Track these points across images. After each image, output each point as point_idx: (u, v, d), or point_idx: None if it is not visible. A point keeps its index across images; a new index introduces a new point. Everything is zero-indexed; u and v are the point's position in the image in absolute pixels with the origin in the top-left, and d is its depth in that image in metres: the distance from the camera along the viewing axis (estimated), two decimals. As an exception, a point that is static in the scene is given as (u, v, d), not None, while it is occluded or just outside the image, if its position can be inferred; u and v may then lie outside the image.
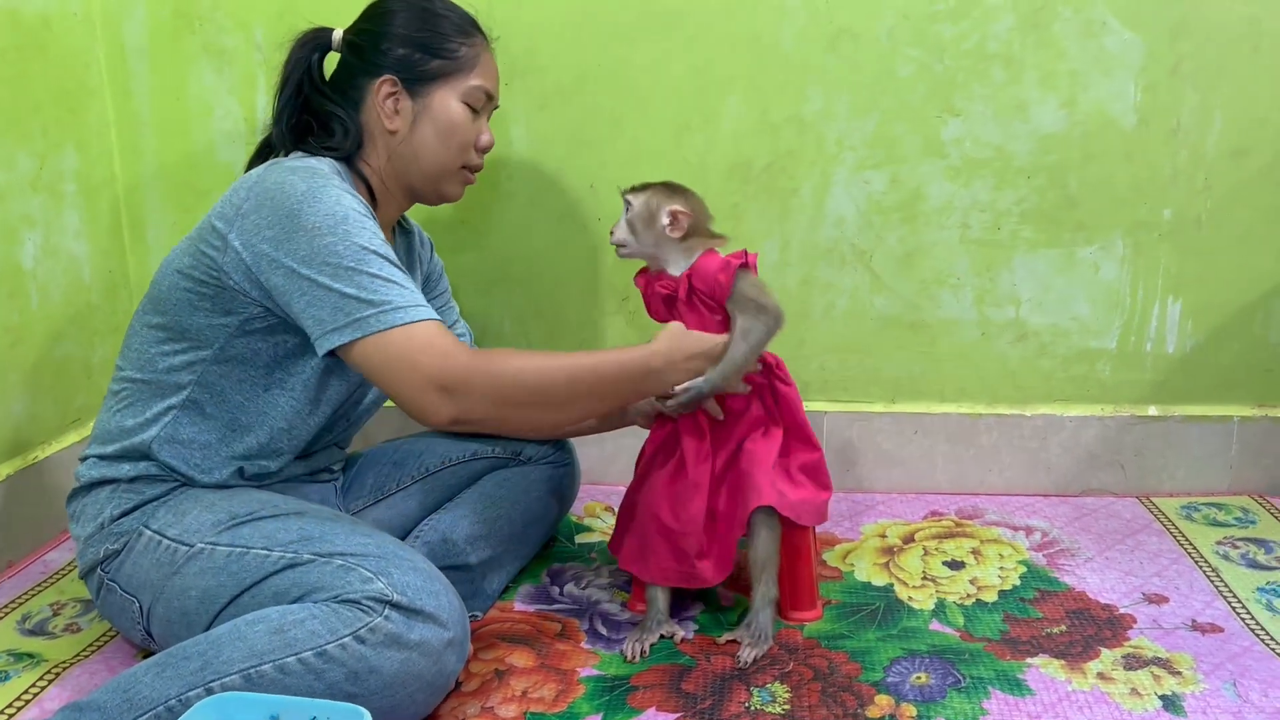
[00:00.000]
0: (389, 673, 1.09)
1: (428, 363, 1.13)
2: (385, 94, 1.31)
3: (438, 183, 1.37)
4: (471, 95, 1.34)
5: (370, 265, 1.16)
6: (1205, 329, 1.75)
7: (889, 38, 1.69)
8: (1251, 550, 1.58)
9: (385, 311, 1.14)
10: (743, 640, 1.34)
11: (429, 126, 1.32)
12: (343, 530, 1.20)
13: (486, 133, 1.38)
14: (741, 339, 1.32)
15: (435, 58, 1.31)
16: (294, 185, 1.18)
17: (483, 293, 1.86)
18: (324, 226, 1.16)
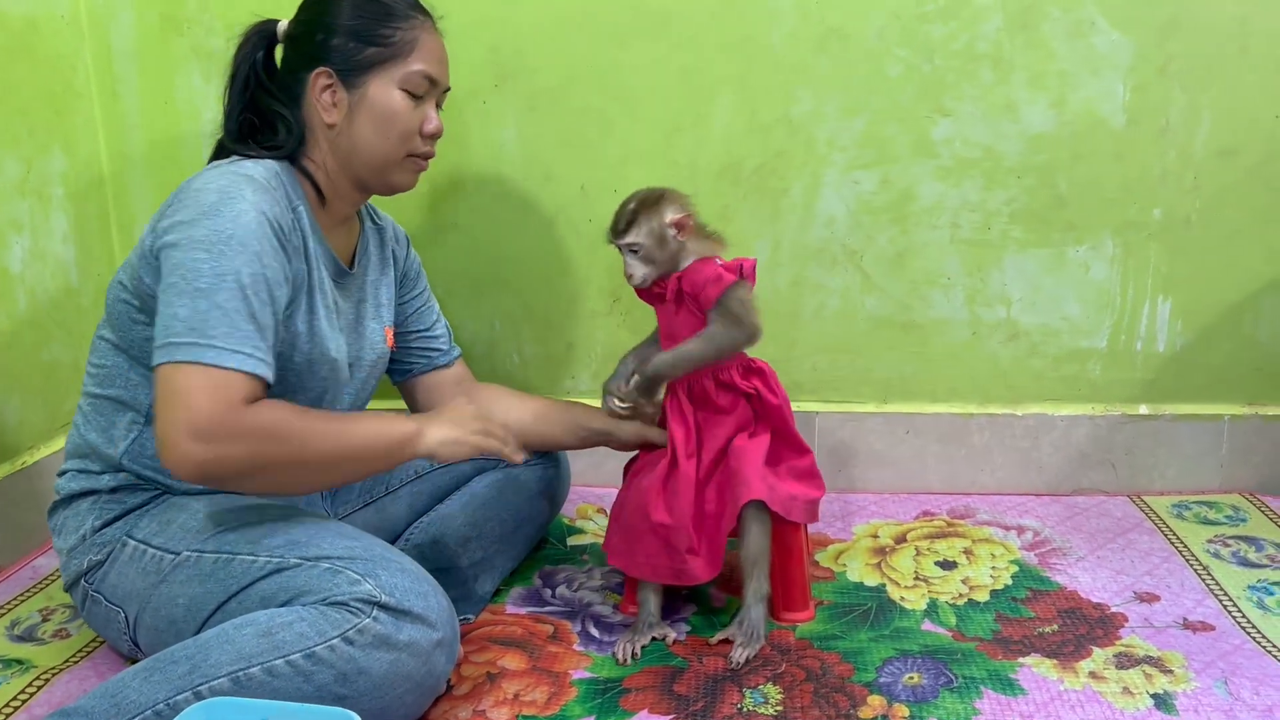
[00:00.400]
0: (378, 674, 1.09)
1: (201, 406, 1.07)
2: (321, 86, 1.26)
3: (383, 174, 1.30)
4: (410, 81, 1.27)
5: (220, 294, 1.11)
6: (1195, 328, 1.76)
7: (878, 38, 1.69)
8: (1242, 548, 1.58)
9: (200, 345, 1.09)
10: (735, 639, 1.34)
11: (366, 117, 1.27)
12: (329, 534, 1.19)
13: (433, 119, 1.31)
14: (703, 340, 1.34)
15: (370, 45, 1.25)
16: (206, 196, 1.15)
17: (474, 295, 1.85)
18: (206, 241, 1.12)
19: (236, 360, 1.10)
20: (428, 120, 1.30)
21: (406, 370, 1.53)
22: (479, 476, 1.56)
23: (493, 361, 1.89)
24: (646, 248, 1.33)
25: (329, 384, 1.31)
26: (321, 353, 1.27)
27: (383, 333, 1.42)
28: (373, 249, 1.43)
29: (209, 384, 1.09)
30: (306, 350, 1.25)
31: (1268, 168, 1.68)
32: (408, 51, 1.27)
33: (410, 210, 1.82)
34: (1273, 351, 1.76)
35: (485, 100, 1.76)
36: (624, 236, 1.34)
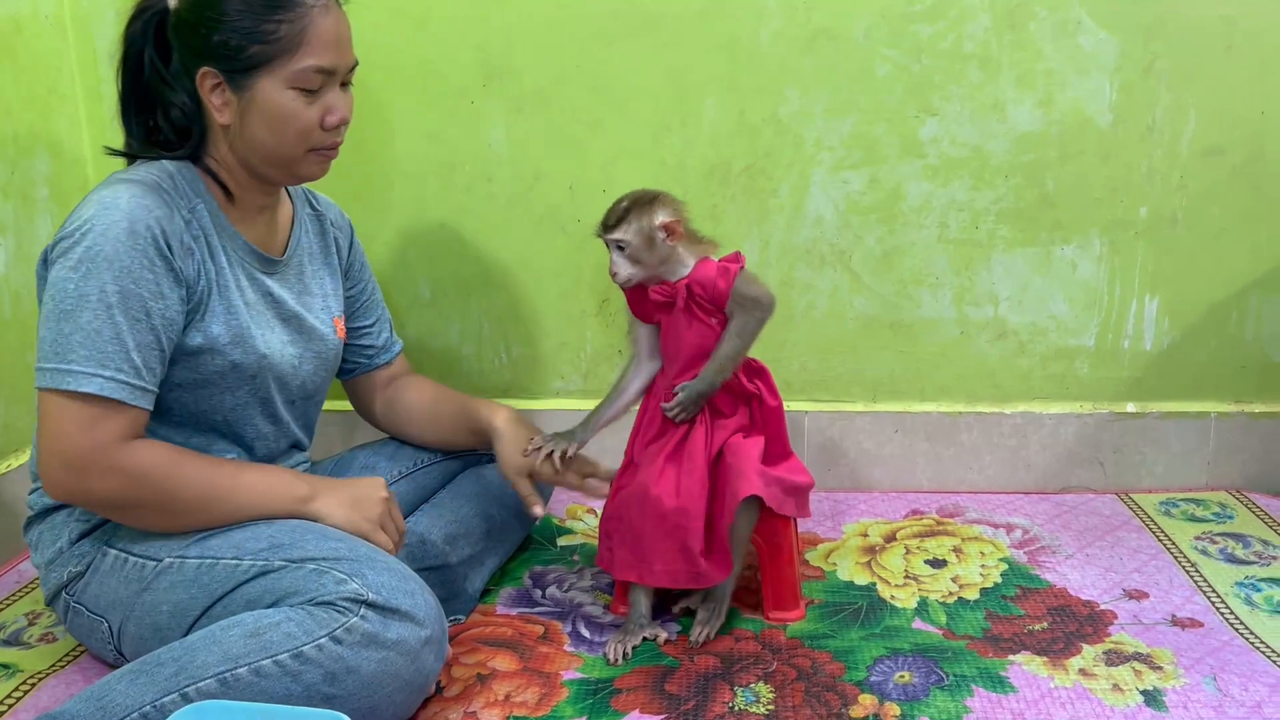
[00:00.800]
0: (367, 673, 1.08)
1: (70, 437, 1.09)
2: (209, 87, 1.19)
3: (286, 170, 1.25)
4: (301, 79, 1.18)
5: (82, 315, 1.09)
6: (1182, 326, 1.77)
7: (866, 38, 1.69)
8: (1230, 545, 1.59)
9: (59, 370, 1.09)
10: (696, 613, 1.37)
11: (258, 119, 1.20)
12: (313, 536, 1.18)
13: (335, 110, 1.22)
14: (737, 335, 1.34)
15: (253, 43, 1.16)
16: (84, 210, 1.13)
17: (462, 295, 1.85)
18: (76, 260, 1.10)
19: (96, 385, 1.09)
20: (329, 112, 1.22)
21: (350, 370, 1.52)
22: (464, 474, 1.56)
23: (481, 362, 1.88)
24: (634, 246, 1.33)
25: (262, 384, 1.28)
26: (248, 352, 1.24)
27: (331, 323, 1.39)
28: (310, 235, 1.39)
29: (75, 413, 1.09)
30: (229, 353, 1.22)
31: (1253, 167, 1.69)
32: (295, 46, 1.17)
33: (397, 209, 1.81)
34: (1258, 349, 1.77)
35: (473, 100, 1.76)
36: (612, 232, 1.33)
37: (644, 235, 1.32)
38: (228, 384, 1.24)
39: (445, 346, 1.87)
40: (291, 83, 1.18)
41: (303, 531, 1.19)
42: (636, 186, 1.73)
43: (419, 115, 1.77)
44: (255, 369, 1.26)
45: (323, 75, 1.20)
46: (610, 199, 1.76)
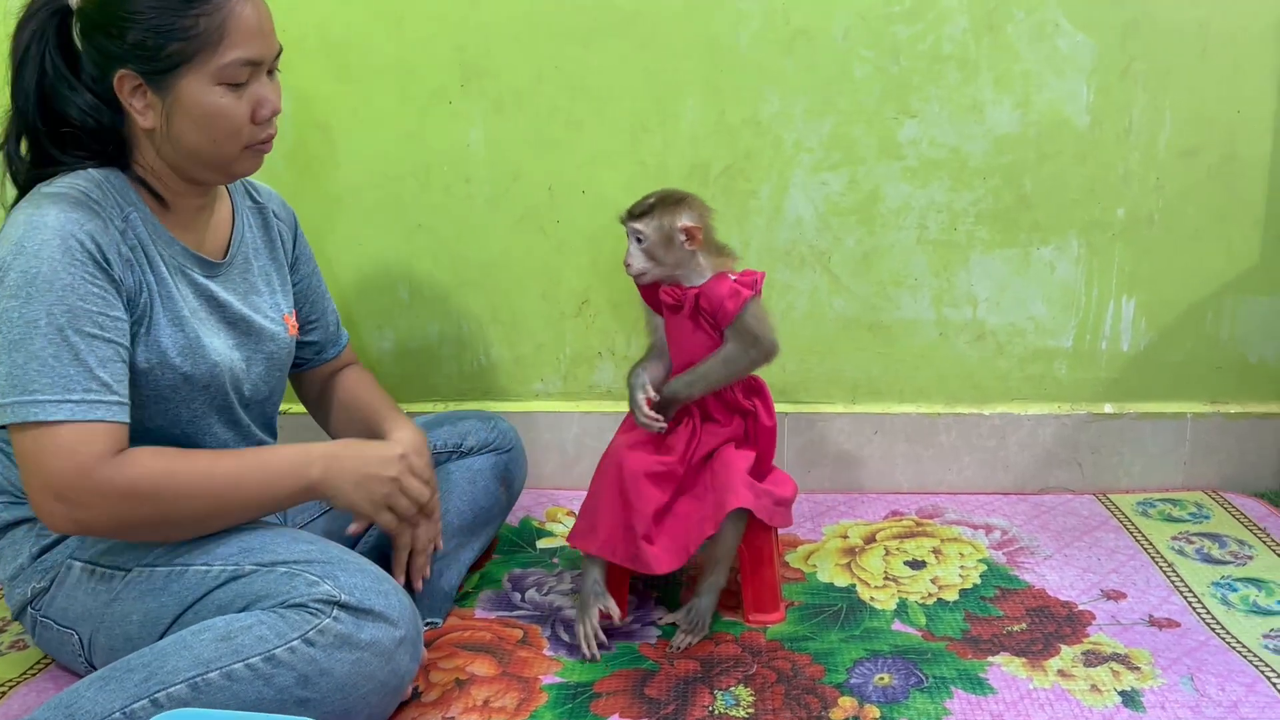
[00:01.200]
0: (341, 674, 1.07)
1: (52, 468, 1.05)
2: (128, 90, 1.12)
3: (221, 170, 1.19)
4: (227, 74, 1.12)
5: (33, 342, 1.05)
6: (1158, 327, 1.77)
7: (845, 39, 1.69)
8: (1206, 545, 1.60)
9: (24, 403, 1.05)
10: (680, 624, 1.36)
11: (185, 121, 1.13)
12: (284, 540, 1.17)
13: (267, 101, 1.16)
14: (722, 363, 1.35)
15: (170, 40, 1.09)
16: (13, 230, 1.08)
17: (440, 297, 1.84)
18: (14, 286, 1.05)
19: (66, 410, 1.05)
20: (260, 105, 1.16)
21: (297, 365, 1.47)
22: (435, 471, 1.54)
23: (460, 364, 1.87)
24: (651, 242, 1.33)
25: (217, 392, 1.23)
26: (199, 362, 1.19)
27: (281, 320, 1.34)
28: (253, 231, 1.33)
29: (51, 443, 1.05)
30: (179, 365, 1.18)
31: (1227, 168, 1.70)
32: (217, 40, 1.10)
33: (375, 210, 1.80)
34: (1234, 350, 1.78)
35: (451, 100, 1.75)
36: (635, 221, 1.34)
37: (663, 233, 1.32)
38: (181, 397, 1.20)
39: (423, 348, 1.86)
40: (217, 79, 1.12)
41: (273, 535, 1.17)
42: (616, 187, 1.76)
43: (397, 115, 1.76)
44: (208, 378, 1.21)
45: (250, 67, 1.14)
46: (590, 200, 1.78)
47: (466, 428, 1.55)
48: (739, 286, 1.35)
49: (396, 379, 1.87)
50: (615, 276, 1.79)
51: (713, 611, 1.39)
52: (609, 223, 1.75)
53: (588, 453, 1.86)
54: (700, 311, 1.36)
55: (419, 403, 1.88)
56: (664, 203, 1.34)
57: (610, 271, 1.79)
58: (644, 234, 1.33)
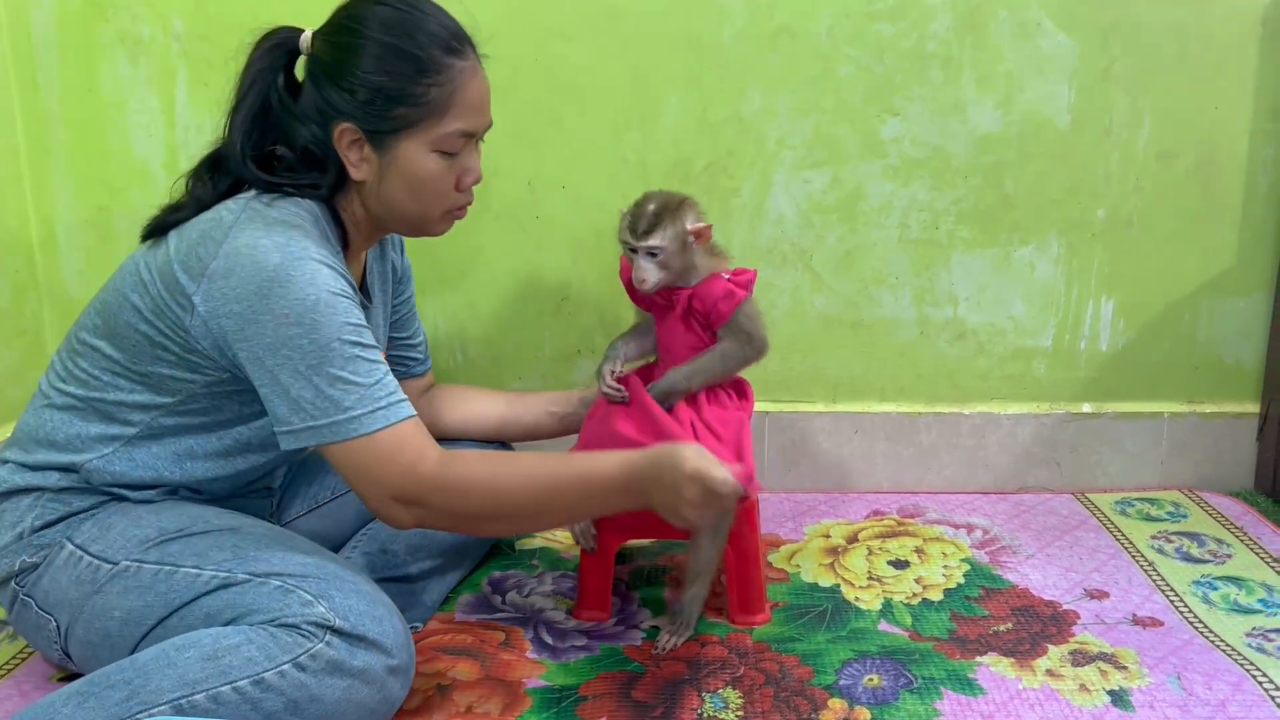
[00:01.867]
0: (330, 701, 1.04)
1: (387, 476, 1.09)
2: (347, 142, 1.15)
3: (418, 229, 1.25)
4: (445, 143, 1.16)
5: (333, 364, 1.07)
6: (1136, 327, 1.78)
7: (828, 36, 1.68)
8: (1185, 544, 1.61)
9: (341, 422, 1.07)
10: (664, 626, 1.35)
11: (398, 181, 1.17)
12: (280, 549, 1.14)
13: (472, 171, 1.22)
14: (720, 358, 1.35)
15: (398, 105, 1.13)
16: (267, 256, 1.07)
17: (417, 293, 1.79)
18: (292, 314, 1.06)
19: (385, 417, 1.08)
20: (466, 173, 1.21)
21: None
22: None
23: (436, 361, 1.83)
24: (667, 253, 1.30)
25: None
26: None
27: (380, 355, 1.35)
28: (377, 265, 1.36)
29: (376, 454, 1.08)
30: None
31: (1204, 170, 1.72)
32: (442, 111, 1.15)
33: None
34: (1210, 351, 1.79)
35: (429, 94, 1.71)
36: (647, 239, 1.29)
37: (679, 240, 1.30)
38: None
39: (399, 346, 1.83)
40: (435, 146, 1.16)
41: (269, 541, 1.14)
42: (597, 184, 1.74)
43: (373, 108, 1.72)
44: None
45: (465, 138, 1.19)
46: (570, 196, 1.75)
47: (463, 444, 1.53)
48: (733, 287, 1.34)
49: (371, 377, 1.83)
50: (595, 273, 1.77)
51: (698, 613, 1.37)
52: (590, 219, 1.75)
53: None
54: (692, 312, 1.35)
55: (394, 401, 1.85)
56: (667, 210, 1.31)
57: (591, 269, 1.77)
58: (659, 248, 1.29)
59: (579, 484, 1.14)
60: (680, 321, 1.36)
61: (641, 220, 1.30)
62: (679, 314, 1.35)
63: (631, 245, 1.31)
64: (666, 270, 1.31)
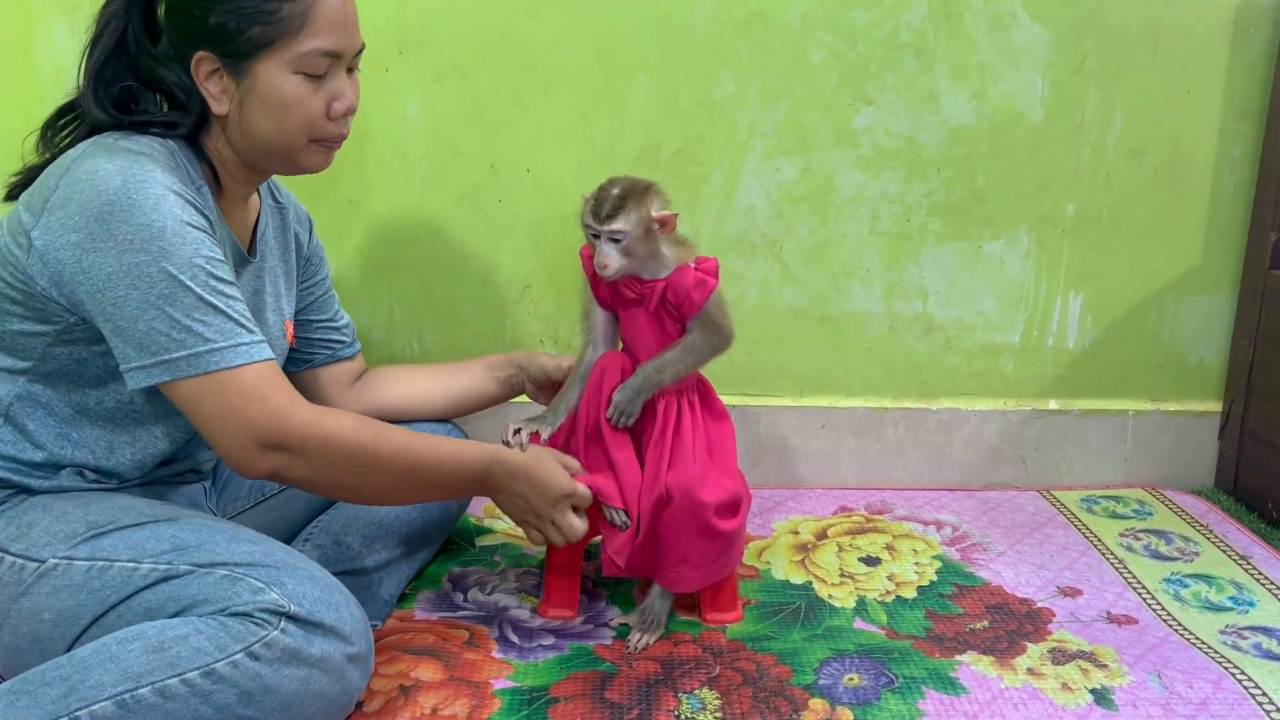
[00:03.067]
0: (287, 692, 0.97)
1: (256, 416, 1.02)
2: (204, 73, 1.08)
3: (287, 161, 1.15)
4: (306, 63, 1.08)
5: (189, 293, 1.00)
6: (1103, 325, 1.78)
7: (802, 23, 1.65)
8: (1153, 542, 1.60)
9: (200, 354, 1.00)
10: (634, 625, 1.31)
11: (258, 108, 1.09)
12: (223, 537, 1.06)
13: (344, 96, 1.13)
14: (689, 351, 1.30)
15: (253, 24, 1.06)
16: (107, 179, 1.00)
17: (371, 279, 1.73)
18: (137, 240, 0.99)
19: (250, 353, 1.02)
20: (336, 98, 1.12)
21: (307, 361, 1.41)
22: None
23: (390, 349, 1.76)
24: (631, 238, 1.24)
25: None
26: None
27: (282, 326, 1.29)
28: (273, 231, 1.29)
29: (241, 391, 1.02)
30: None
31: (1173, 168, 1.71)
32: (299, 27, 1.07)
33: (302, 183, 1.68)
34: (1175, 349, 1.79)
35: (388, 68, 1.64)
36: (610, 223, 1.23)
37: (644, 225, 1.24)
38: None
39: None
40: (296, 67, 1.08)
41: (210, 531, 1.06)
42: (563, 168, 1.68)
43: (329, 83, 1.65)
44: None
45: (329, 59, 1.10)
46: (535, 179, 1.69)
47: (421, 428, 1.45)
48: (704, 276, 1.30)
49: (322, 365, 1.75)
50: (559, 261, 1.72)
51: (669, 610, 1.32)
52: (554, 204, 1.70)
53: (526, 446, 1.78)
54: (665, 305, 1.30)
55: (345, 391, 1.77)
56: (633, 194, 1.25)
57: (554, 256, 1.71)
58: (623, 233, 1.24)
59: (447, 467, 1.16)
60: (651, 317, 1.30)
61: (605, 204, 1.25)
62: (651, 309, 1.30)
63: (594, 230, 1.25)
64: (629, 257, 1.26)
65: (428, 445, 1.14)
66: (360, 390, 1.45)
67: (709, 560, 1.29)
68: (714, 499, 1.26)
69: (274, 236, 1.29)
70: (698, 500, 1.25)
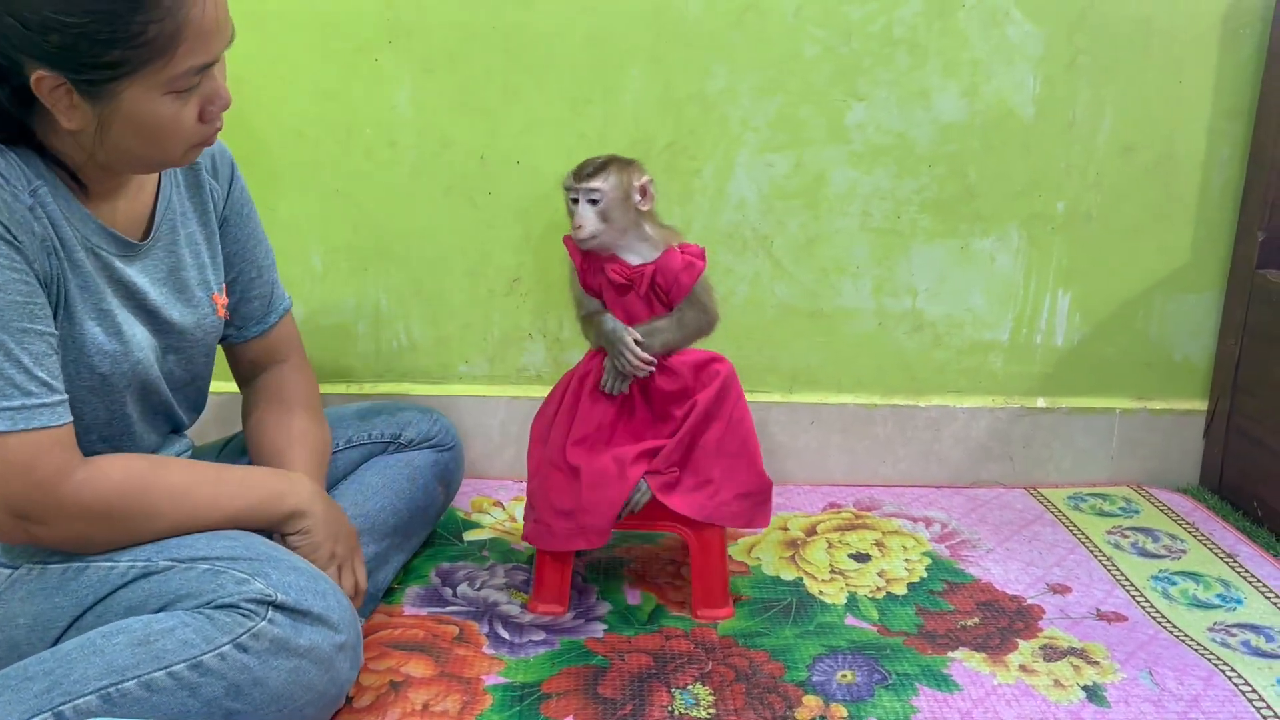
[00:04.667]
0: (276, 684, 0.96)
1: (10, 487, 0.93)
2: (48, 89, 0.91)
3: (157, 168, 1.05)
4: (177, 83, 0.94)
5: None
6: (1092, 322, 1.78)
7: (796, 16, 1.64)
8: (1140, 539, 1.61)
9: None
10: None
11: (125, 128, 0.95)
12: (202, 535, 1.04)
13: (217, 97, 0.99)
14: (678, 323, 1.31)
15: (112, 48, 0.89)
16: None
17: (357, 270, 1.71)
18: None
19: (6, 420, 0.92)
20: (209, 102, 0.99)
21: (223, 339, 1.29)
22: (368, 464, 1.42)
23: (377, 342, 1.74)
24: (609, 200, 1.25)
25: (137, 386, 1.08)
26: (119, 359, 1.04)
27: (210, 302, 1.18)
28: (181, 193, 1.15)
29: (1, 459, 0.92)
30: (97, 362, 1.02)
31: (1164, 166, 1.72)
32: (170, 46, 0.91)
33: (289, 173, 1.66)
34: (1162, 348, 1.80)
35: (377, 57, 1.62)
36: (589, 180, 1.25)
37: (621, 190, 1.25)
38: (100, 395, 1.05)
39: (337, 323, 1.73)
40: (167, 89, 0.94)
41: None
42: (553, 159, 1.66)
43: (317, 72, 1.62)
44: (129, 376, 1.06)
45: (201, 73, 0.96)
46: (525, 171, 1.68)
47: (406, 418, 1.44)
48: (691, 259, 1.31)
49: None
50: (549, 253, 1.70)
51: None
52: (544, 196, 1.68)
53: (513, 440, 1.76)
54: (654, 288, 1.30)
55: (330, 384, 1.75)
56: (617, 161, 1.28)
57: (544, 248, 1.70)
58: (601, 191, 1.24)
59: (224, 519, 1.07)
60: (642, 302, 1.31)
61: (587, 165, 1.27)
62: (642, 292, 1.30)
63: (574, 191, 1.26)
64: (606, 223, 1.26)
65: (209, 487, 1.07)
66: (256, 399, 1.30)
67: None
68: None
69: (187, 204, 1.16)
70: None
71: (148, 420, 1.14)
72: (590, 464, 1.28)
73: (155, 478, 1.04)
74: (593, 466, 1.28)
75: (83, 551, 1.02)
